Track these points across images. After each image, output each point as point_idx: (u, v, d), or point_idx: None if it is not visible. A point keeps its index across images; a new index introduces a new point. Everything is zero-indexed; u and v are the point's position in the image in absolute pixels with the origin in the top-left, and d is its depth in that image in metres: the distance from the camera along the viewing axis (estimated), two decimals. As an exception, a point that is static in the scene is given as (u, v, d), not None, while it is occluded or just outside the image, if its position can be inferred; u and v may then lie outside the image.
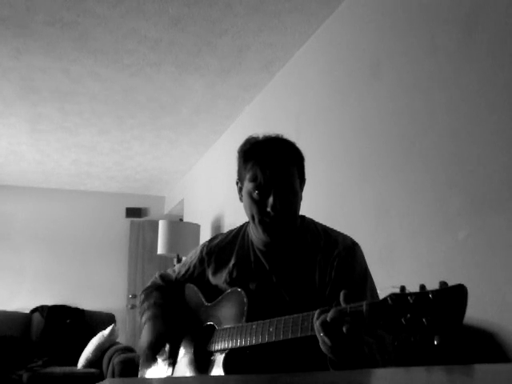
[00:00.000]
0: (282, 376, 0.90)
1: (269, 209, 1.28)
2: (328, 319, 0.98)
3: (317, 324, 1.00)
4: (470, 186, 1.68)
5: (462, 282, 0.84)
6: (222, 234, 1.57)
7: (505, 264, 1.52)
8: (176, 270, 1.62)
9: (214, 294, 1.45)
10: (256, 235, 1.39)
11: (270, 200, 1.28)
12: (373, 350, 1.11)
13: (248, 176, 1.31)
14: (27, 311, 5.45)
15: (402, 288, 0.90)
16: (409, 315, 0.86)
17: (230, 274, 1.42)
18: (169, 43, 2.98)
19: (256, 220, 1.32)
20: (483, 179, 1.63)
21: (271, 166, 1.28)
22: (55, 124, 4.33)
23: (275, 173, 1.28)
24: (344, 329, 0.95)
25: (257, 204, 1.31)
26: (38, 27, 2.82)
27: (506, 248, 1.52)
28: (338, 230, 1.42)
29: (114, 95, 3.72)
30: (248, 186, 1.31)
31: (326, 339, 0.99)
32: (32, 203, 6.41)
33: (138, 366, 1.63)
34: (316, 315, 1.02)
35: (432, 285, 0.88)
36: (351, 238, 1.37)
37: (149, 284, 1.66)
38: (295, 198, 1.33)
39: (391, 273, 2.01)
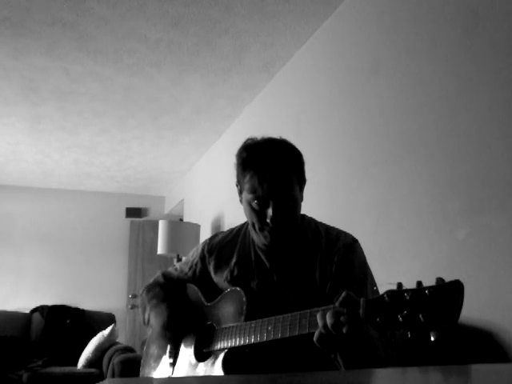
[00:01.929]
0: (282, 376, 0.90)
1: (268, 220, 1.28)
2: (329, 326, 0.98)
3: (321, 328, 1.01)
4: (470, 186, 1.68)
5: (462, 281, 0.84)
6: (222, 232, 1.57)
7: (505, 263, 1.52)
8: (178, 268, 1.62)
9: (214, 293, 1.45)
10: (256, 239, 1.39)
11: (269, 212, 1.28)
12: (376, 345, 1.11)
13: (246, 187, 1.31)
14: (27, 311, 5.44)
15: (399, 285, 0.91)
16: (405, 312, 0.87)
17: (232, 272, 1.42)
18: (169, 43, 2.98)
19: (256, 228, 1.33)
20: (483, 179, 1.63)
21: (269, 179, 1.26)
22: (55, 124, 4.33)
23: (274, 186, 1.27)
24: (344, 330, 0.96)
25: (256, 213, 1.31)
26: (38, 27, 2.82)
27: (505, 247, 1.52)
28: (339, 228, 1.42)
29: (114, 95, 3.72)
30: (247, 196, 1.31)
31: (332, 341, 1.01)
32: (32, 203, 6.41)
33: (138, 366, 1.63)
34: (320, 317, 1.02)
35: (431, 283, 0.88)
36: (351, 235, 1.38)
37: (151, 282, 1.66)
38: (295, 206, 1.33)
39: (391, 271, 2.01)
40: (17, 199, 6.37)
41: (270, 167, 1.27)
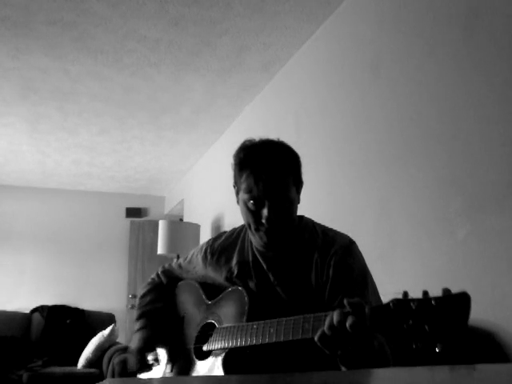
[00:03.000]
0: (282, 376, 0.90)
1: (263, 220, 1.28)
2: (335, 322, 0.98)
3: (326, 327, 1.00)
4: (471, 186, 1.68)
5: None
6: (225, 232, 1.57)
7: (505, 263, 1.52)
8: (182, 265, 1.62)
9: (215, 291, 1.45)
10: (253, 240, 1.40)
11: (265, 212, 1.28)
12: (384, 348, 1.11)
13: (243, 187, 1.31)
14: (27, 311, 5.44)
15: (405, 293, 0.90)
16: (411, 321, 0.86)
17: (231, 272, 1.42)
18: (169, 43, 2.98)
19: (252, 228, 1.33)
20: (483, 179, 1.63)
21: (265, 179, 1.27)
22: (55, 124, 4.33)
23: (269, 186, 1.27)
24: (347, 324, 0.95)
25: (252, 214, 1.31)
26: (38, 27, 2.81)
27: (506, 247, 1.52)
28: (339, 229, 1.42)
29: (114, 95, 3.72)
30: (243, 196, 1.32)
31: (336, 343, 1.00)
32: (32, 203, 6.41)
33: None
34: (328, 319, 1.02)
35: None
36: (348, 237, 1.37)
37: (148, 281, 1.68)
38: (291, 207, 1.33)
39: (392, 272, 2.01)
40: (17, 199, 6.36)
41: (267, 167, 1.28)
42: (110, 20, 2.74)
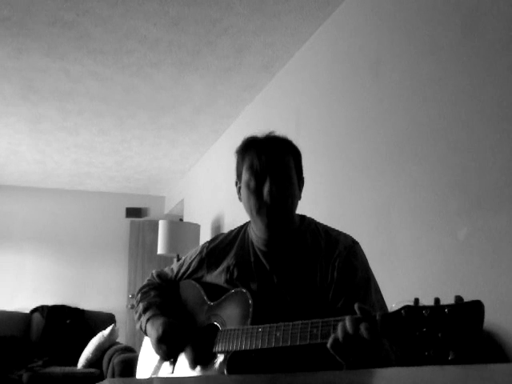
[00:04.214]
0: (282, 376, 0.90)
1: (265, 196, 1.29)
2: (348, 329, 0.98)
3: (339, 333, 1.00)
4: (471, 186, 1.68)
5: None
6: (222, 234, 1.56)
7: (505, 264, 1.52)
8: (174, 269, 1.61)
9: (216, 292, 1.44)
10: (256, 232, 1.38)
11: (267, 186, 1.29)
12: (389, 355, 1.10)
13: (245, 166, 1.34)
14: (27, 311, 5.44)
15: (416, 301, 0.89)
16: (425, 329, 0.85)
17: (231, 274, 1.41)
18: (169, 43, 2.98)
19: (254, 212, 1.32)
20: (483, 179, 1.63)
21: (267, 152, 1.31)
22: (55, 124, 4.33)
23: (271, 159, 1.31)
24: (361, 330, 0.95)
25: (254, 194, 1.31)
26: (38, 27, 2.81)
27: (505, 248, 1.52)
28: (340, 228, 1.41)
29: (114, 95, 3.72)
30: (245, 176, 1.33)
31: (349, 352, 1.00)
32: (32, 203, 6.41)
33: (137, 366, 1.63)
34: (340, 324, 1.02)
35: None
36: (351, 237, 1.37)
37: (145, 283, 1.64)
38: (292, 187, 1.33)
39: (392, 272, 2.01)
40: (17, 199, 6.36)
41: (268, 145, 1.33)
42: (110, 20, 2.74)
